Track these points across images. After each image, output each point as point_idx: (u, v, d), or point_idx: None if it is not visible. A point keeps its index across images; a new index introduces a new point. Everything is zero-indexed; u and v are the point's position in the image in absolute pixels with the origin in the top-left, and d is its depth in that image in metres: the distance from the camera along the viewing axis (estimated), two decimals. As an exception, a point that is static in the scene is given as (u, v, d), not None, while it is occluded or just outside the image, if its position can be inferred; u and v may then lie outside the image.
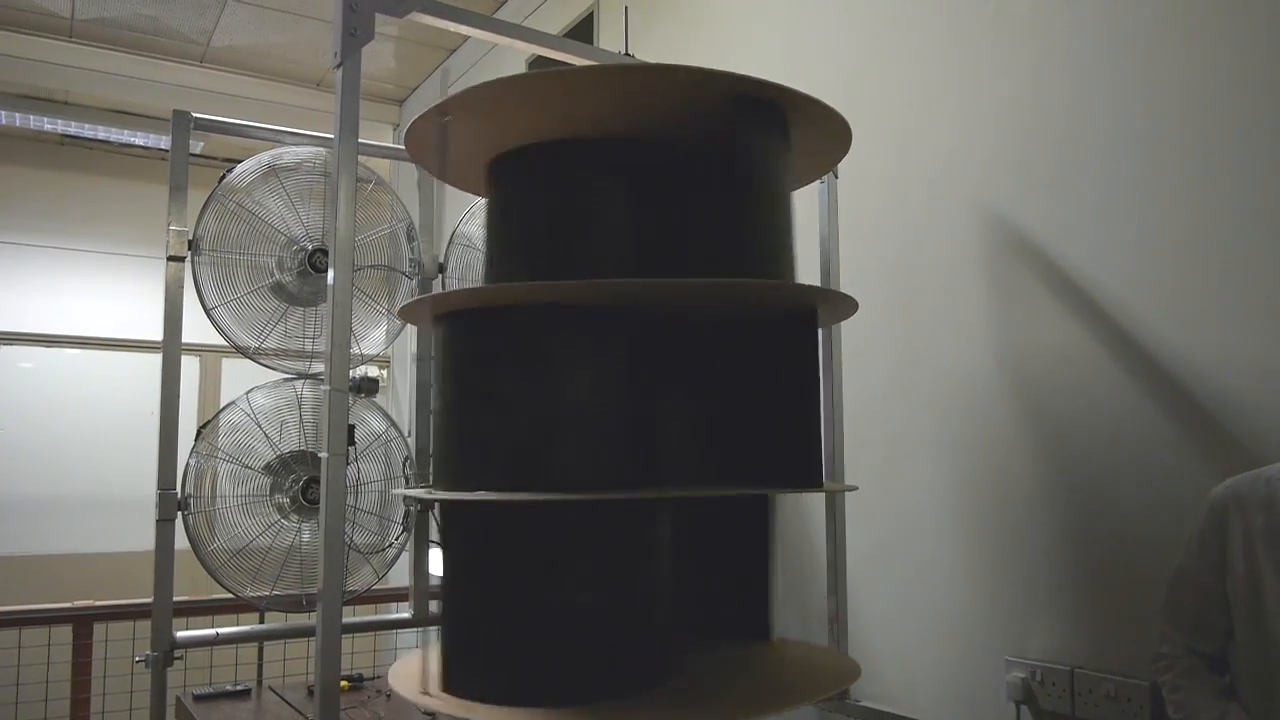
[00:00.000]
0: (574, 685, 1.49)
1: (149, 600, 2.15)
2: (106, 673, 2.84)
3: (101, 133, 5.63)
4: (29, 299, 5.55)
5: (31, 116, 5.36)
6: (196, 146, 5.43)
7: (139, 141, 5.69)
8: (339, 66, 1.59)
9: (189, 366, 5.39)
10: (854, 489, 1.90)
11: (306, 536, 2.21)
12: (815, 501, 2.31)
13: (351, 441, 1.53)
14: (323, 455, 1.49)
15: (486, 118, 1.61)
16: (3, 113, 5.26)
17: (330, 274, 1.54)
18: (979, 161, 2.12)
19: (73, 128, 5.54)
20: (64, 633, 2.84)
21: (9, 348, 5.32)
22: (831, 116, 1.64)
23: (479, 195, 1.87)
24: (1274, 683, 1.38)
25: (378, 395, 2.47)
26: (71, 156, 5.86)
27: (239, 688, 2.78)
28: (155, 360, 2.16)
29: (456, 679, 1.56)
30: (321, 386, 1.53)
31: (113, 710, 2.87)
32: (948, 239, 2.18)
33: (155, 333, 2.19)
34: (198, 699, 2.67)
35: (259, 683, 2.96)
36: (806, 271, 2.08)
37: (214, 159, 5.19)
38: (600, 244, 1.61)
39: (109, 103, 5.41)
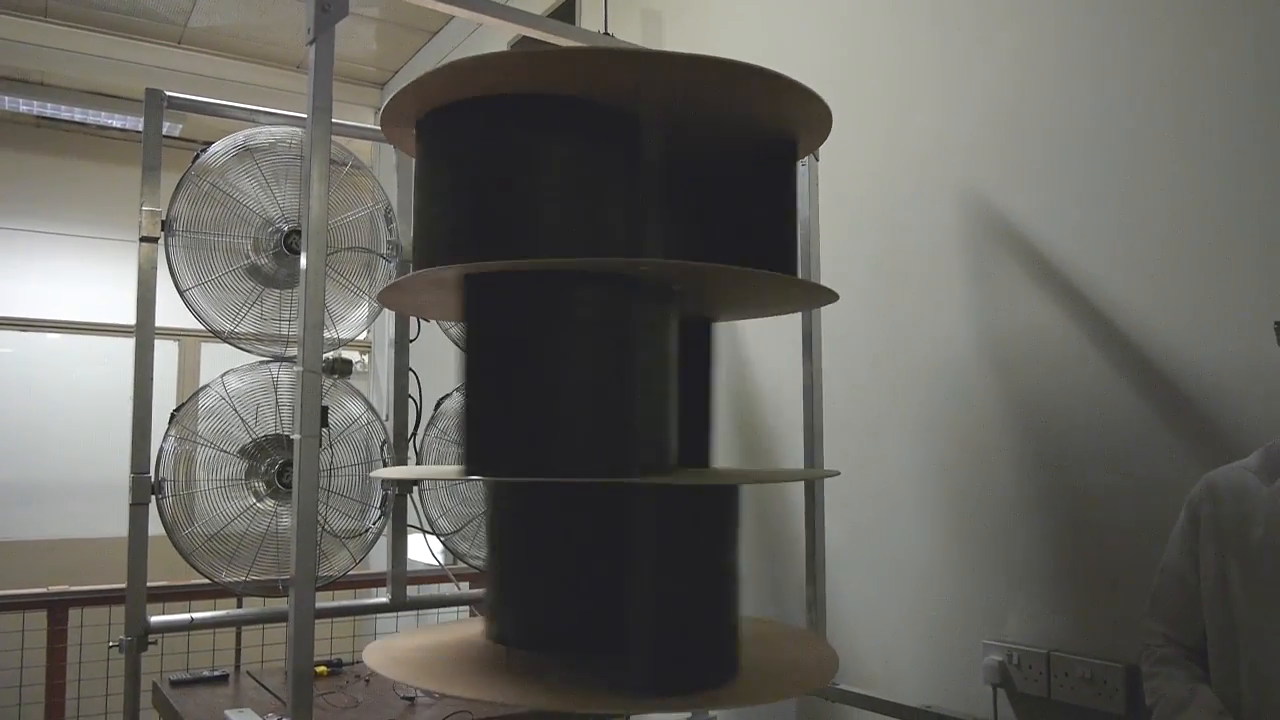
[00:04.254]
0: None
1: (124, 585, 2.13)
2: (82, 658, 2.81)
3: (78, 114, 5.55)
4: (5, 283, 5.49)
5: (6, 97, 5.28)
6: (175, 129, 5.38)
7: (116, 124, 5.63)
8: (312, 43, 1.57)
9: (167, 350, 5.35)
10: (835, 474, 1.90)
11: (283, 520, 2.19)
12: (794, 487, 2.31)
13: (325, 424, 1.52)
14: (295, 437, 1.47)
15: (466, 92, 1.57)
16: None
17: (303, 255, 1.52)
18: (962, 146, 2.11)
19: (48, 109, 5.47)
20: (39, 618, 2.81)
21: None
22: (810, 99, 1.63)
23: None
24: (1239, 669, 1.40)
25: (362, 380, 2.45)
26: (47, 138, 5.78)
27: (217, 673, 2.75)
28: (132, 344, 2.14)
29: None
30: (295, 368, 1.51)
31: (88, 696, 2.85)
32: (930, 223, 2.18)
33: (132, 316, 2.16)
34: (175, 684, 2.65)
35: (237, 668, 2.94)
36: (786, 255, 2.08)
37: (193, 141, 5.12)
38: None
39: (85, 84, 5.34)
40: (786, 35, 2.59)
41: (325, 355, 2.20)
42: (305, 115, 2.33)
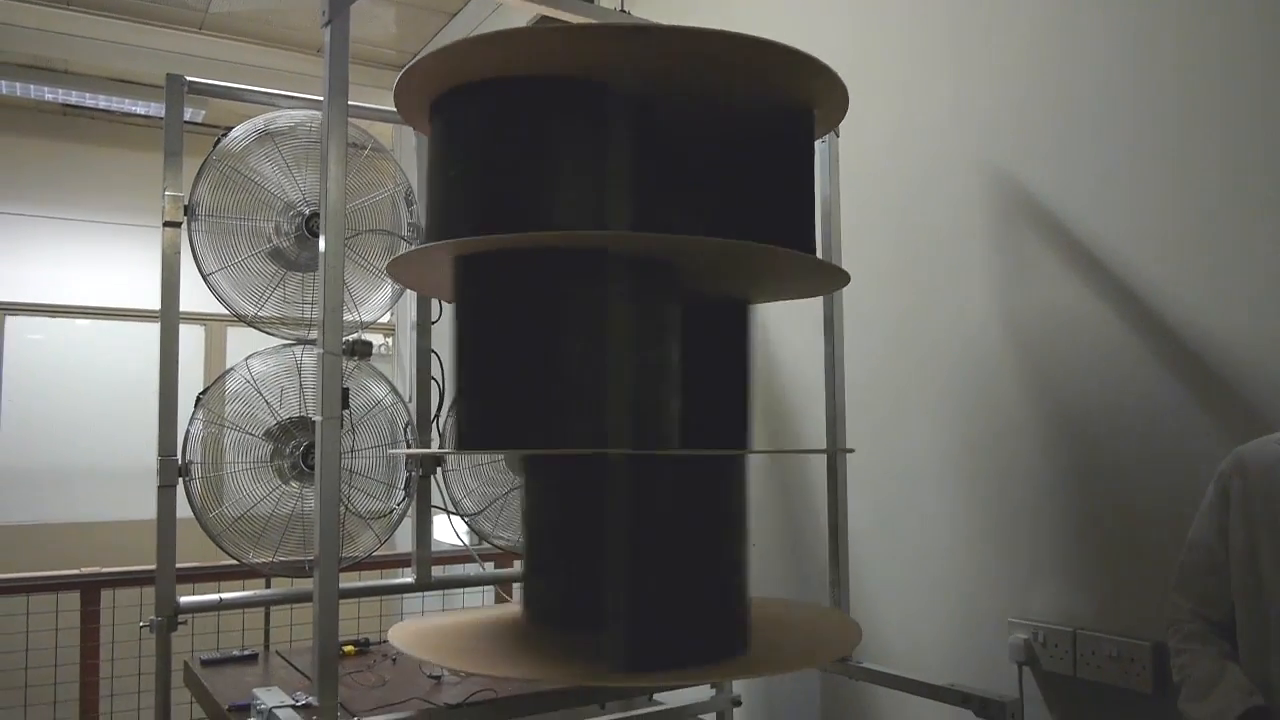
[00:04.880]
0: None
1: (155, 567, 2.16)
2: (114, 638, 2.86)
3: (103, 102, 5.59)
4: (35, 269, 5.55)
5: (32, 86, 5.33)
6: (199, 115, 5.41)
7: (140, 110, 5.66)
8: (327, 25, 1.56)
9: (195, 335, 5.40)
10: (850, 450, 1.89)
11: (308, 502, 2.21)
12: (816, 465, 2.30)
13: (345, 405, 1.52)
14: (316, 419, 1.48)
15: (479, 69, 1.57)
16: (4, 83, 5.22)
17: (321, 238, 1.52)
18: (981, 120, 2.08)
19: (73, 97, 5.51)
20: (72, 599, 2.86)
21: (16, 319, 5.32)
22: (828, 76, 1.61)
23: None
24: (1269, 645, 1.38)
25: (386, 363, 2.46)
26: (73, 126, 5.83)
27: (246, 652, 2.80)
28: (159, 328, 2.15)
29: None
30: (317, 351, 1.52)
31: (121, 675, 2.90)
32: (949, 199, 2.15)
33: (159, 302, 2.18)
34: (205, 664, 2.70)
35: (266, 647, 2.98)
36: (807, 233, 2.06)
37: (216, 127, 5.16)
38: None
39: (109, 71, 5.37)
40: (801, 9, 2.56)
41: (346, 337, 2.21)
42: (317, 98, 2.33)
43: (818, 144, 2.10)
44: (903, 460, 2.23)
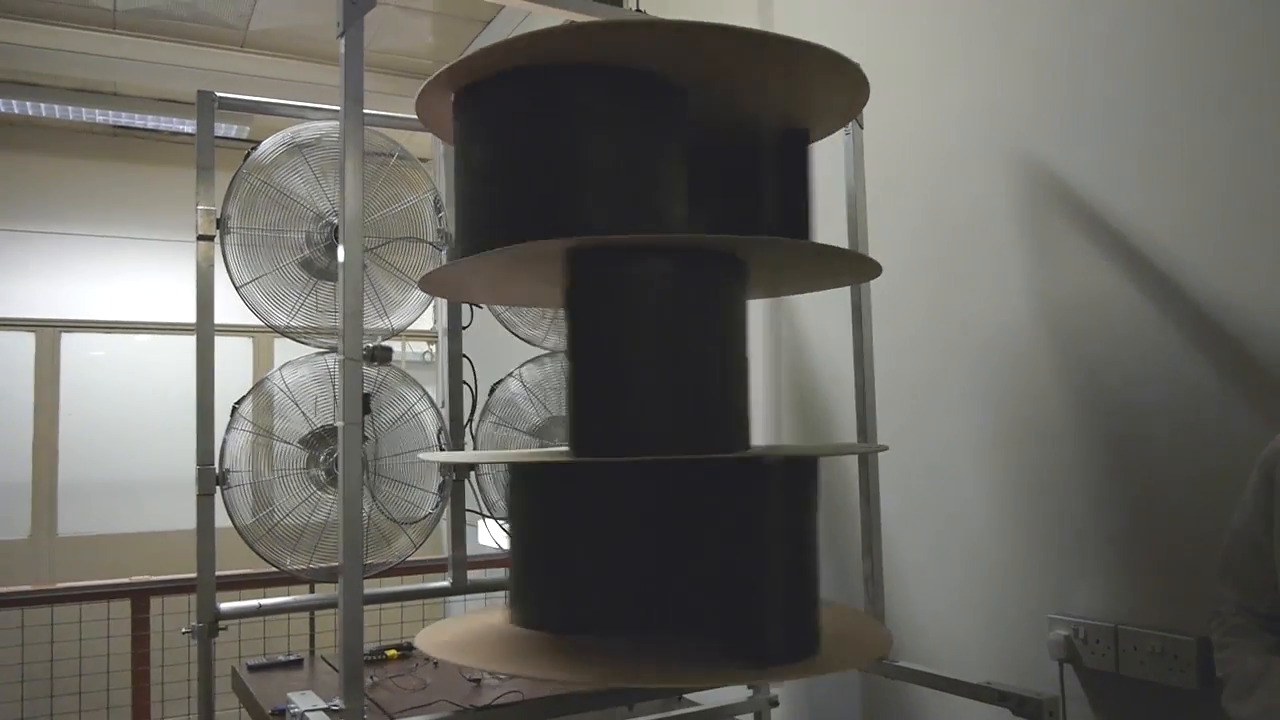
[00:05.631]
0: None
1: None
2: (164, 645, 2.93)
3: (151, 122, 5.75)
4: (90, 286, 5.71)
5: (84, 109, 5.49)
6: (243, 131, 5.53)
7: (187, 129, 5.81)
8: (342, 35, 1.58)
9: (242, 346, 5.51)
10: (883, 448, 1.86)
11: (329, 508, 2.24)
12: (849, 461, 2.27)
13: (367, 410, 1.54)
14: (338, 424, 1.50)
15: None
16: (56, 107, 5.39)
17: (340, 246, 1.54)
18: (1012, 103, 2.04)
19: (123, 118, 5.67)
20: (123, 607, 2.93)
21: (72, 336, 5.47)
22: (847, 66, 1.59)
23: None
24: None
25: (425, 370, 2.48)
26: (124, 146, 5.99)
27: (292, 658, 2.85)
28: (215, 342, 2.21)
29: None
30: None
31: (171, 681, 2.97)
32: (979, 186, 2.11)
33: (217, 316, 2.22)
34: (252, 669, 2.75)
35: (311, 652, 3.03)
36: (833, 227, 2.04)
37: (257, 142, 5.28)
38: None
39: (156, 92, 5.51)
40: None
41: (367, 344, 2.24)
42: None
43: (842, 135, 2.09)
44: (935, 452, 2.20)
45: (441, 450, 2.40)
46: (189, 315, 2.23)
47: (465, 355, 2.49)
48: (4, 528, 5.08)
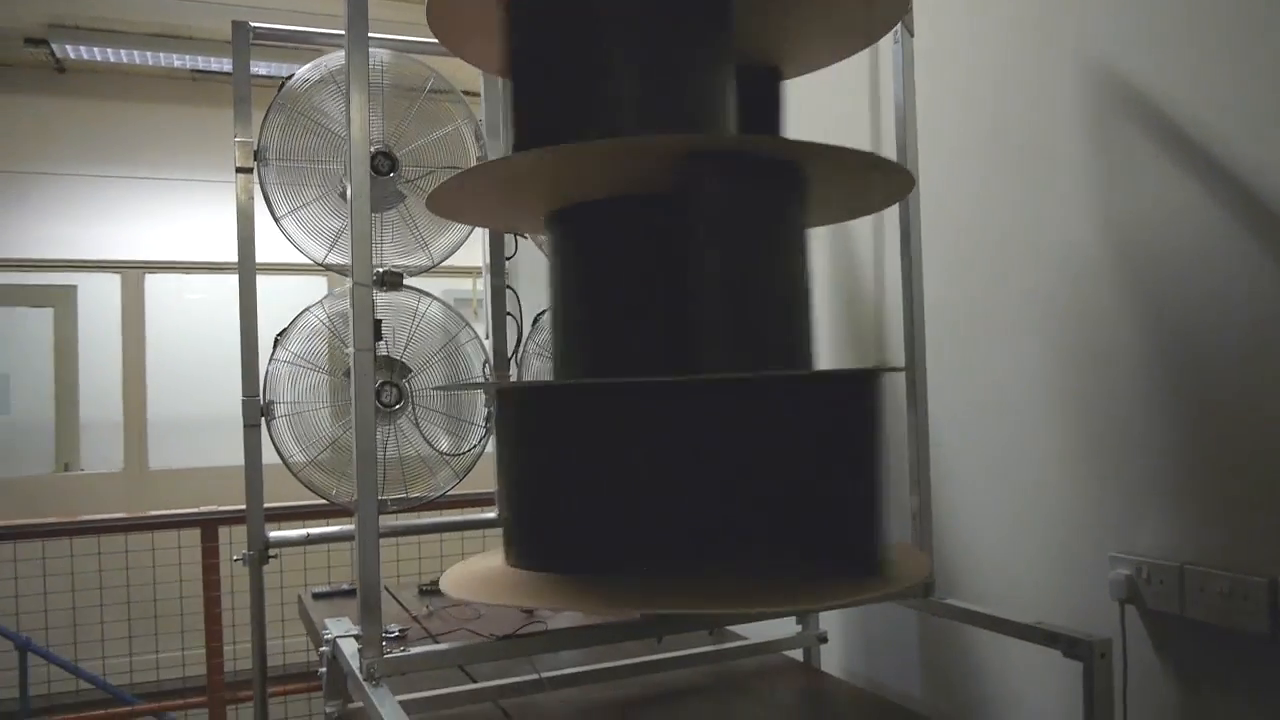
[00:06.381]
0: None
1: (266, 505, 2.26)
2: (233, 572, 3.04)
3: (229, 65, 5.82)
4: (174, 228, 5.87)
5: (161, 54, 5.59)
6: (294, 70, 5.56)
7: (263, 71, 5.87)
8: (346, -52, 1.52)
9: (318, 284, 5.61)
10: (898, 370, 1.75)
11: (389, 440, 2.24)
12: (896, 385, 2.16)
13: (379, 337, 1.51)
14: (349, 351, 1.47)
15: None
16: (135, 53, 5.50)
17: (349, 168, 1.50)
18: (1082, 8, 1.86)
19: (199, 62, 5.76)
20: (193, 535, 3.04)
21: (156, 276, 5.64)
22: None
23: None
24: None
25: (472, 305, 2.46)
26: (203, 91, 6.10)
27: (354, 587, 2.91)
28: (294, 281, 2.23)
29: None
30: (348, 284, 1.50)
31: (240, 607, 3.08)
32: (1041, 93, 1.95)
33: (293, 254, 2.23)
34: (316, 596, 2.82)
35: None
36: (885, 144, 1.92)
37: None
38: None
39: (225, 34, 5.57)
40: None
41: (415, 274, 2.22)
42: (389, 36, 2.32)
43: (891, 44, 1.95)
44: (991, 379, 2.07)
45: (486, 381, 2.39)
46: (271, 254, 2.24)
47: (509, 286, 2.45)
48: (101, 462, 5.33)
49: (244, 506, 3.12)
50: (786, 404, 1.45)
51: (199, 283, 5.91)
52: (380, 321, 1.72)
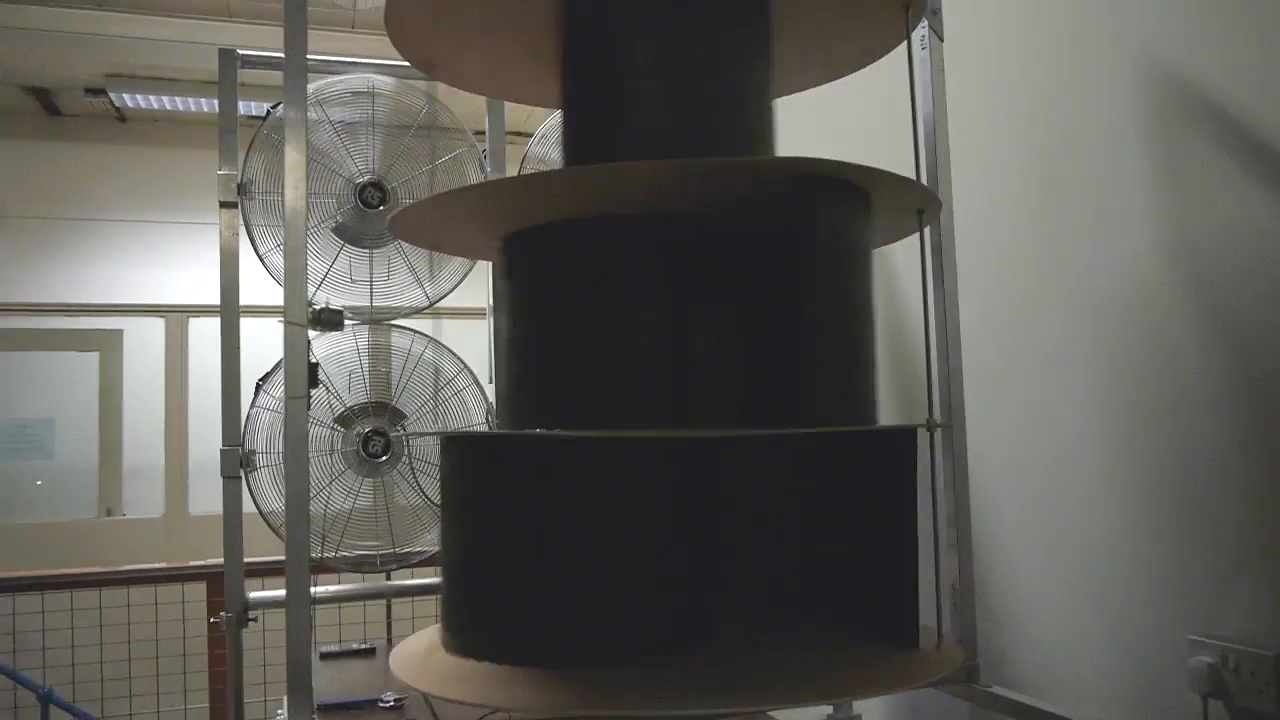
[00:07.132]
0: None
1: (260, 559, 2.11)
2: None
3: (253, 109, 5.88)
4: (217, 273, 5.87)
5: (204, 100, 5.65)
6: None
7: (312, 115, 5.90)
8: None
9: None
10: (943, 425, 1.51)
11: (368, 494, 2.08)
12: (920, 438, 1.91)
13: (314, 384, 1.34)
14: (287, 400, 1.30)
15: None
16: (179, 100, 5.56)
17: (287, 194, 1.34)
18: (1141, 4, 1.63)
19: (251, 109, 5.80)
20: (198, 589, 2.92)
21: (199, 320, 5.64)
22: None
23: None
24: None
25: (480, 343, 2.29)
26: (245, 137, 6.15)
27: (366, 645, 2.76)
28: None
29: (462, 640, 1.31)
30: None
31: (249, 665, 2.94)
32: (1101, 107, 1.71)
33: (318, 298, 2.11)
34: (324, 657, 2.67)
35: (388, 640, 2.93)
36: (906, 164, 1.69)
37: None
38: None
39: (275, 79, 5.62)
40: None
41: (408, 315, 2.06)
42: (384, 62, 2.18)
43: (916, 48, 1.73)
44: (1047, 433, 1.81)
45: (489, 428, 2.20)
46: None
47: (515, 327, 2.27)
48: (141, 506, 5.31)
49: (265, 558, 3.02)
50: (808, 460, 1.25)
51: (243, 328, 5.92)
52: (317, 365, 1.55)
